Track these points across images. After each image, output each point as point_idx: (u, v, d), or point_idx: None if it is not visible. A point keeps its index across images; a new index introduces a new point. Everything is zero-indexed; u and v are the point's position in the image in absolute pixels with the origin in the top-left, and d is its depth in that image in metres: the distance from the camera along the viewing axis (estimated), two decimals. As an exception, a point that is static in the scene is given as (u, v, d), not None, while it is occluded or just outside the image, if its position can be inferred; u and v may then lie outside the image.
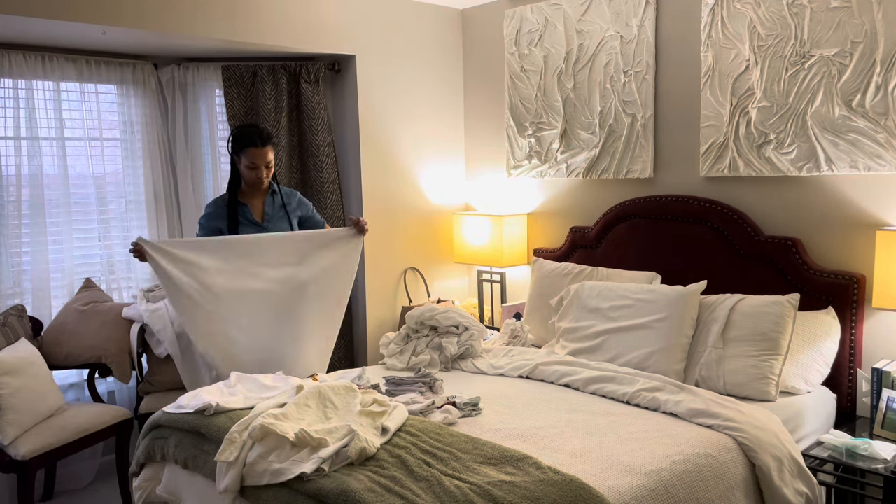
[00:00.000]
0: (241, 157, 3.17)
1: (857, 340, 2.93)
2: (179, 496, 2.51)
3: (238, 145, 3.17)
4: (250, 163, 3.16)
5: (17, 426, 2.95)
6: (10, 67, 3.41)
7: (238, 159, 3.19)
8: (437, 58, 4.40)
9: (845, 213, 2.99)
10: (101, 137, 3.76)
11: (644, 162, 3.61)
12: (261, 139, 3.15)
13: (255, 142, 3.15)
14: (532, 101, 4.08)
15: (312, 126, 4.03)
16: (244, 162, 3.17)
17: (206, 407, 2.43)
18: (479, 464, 2.05)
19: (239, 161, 3.19)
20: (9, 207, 3.48)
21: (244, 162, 3.17)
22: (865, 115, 2.87)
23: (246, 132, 3.18)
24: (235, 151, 3.19)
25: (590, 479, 2.00)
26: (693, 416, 2.48)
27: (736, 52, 3.22)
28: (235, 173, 3.24)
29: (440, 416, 2.46)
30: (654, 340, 2.98)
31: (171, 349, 3.44)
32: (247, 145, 3.15)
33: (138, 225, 3.87)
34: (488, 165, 4.45)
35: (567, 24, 3.86)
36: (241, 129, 3.22)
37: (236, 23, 3.56)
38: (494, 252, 4.10)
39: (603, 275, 3.52)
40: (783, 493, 2.33)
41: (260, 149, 3.15)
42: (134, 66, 3.79)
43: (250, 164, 3.16)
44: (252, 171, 3.18)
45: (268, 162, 3.19)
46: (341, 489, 1.92)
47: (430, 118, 4.40)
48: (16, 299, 3.52)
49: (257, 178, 3.19)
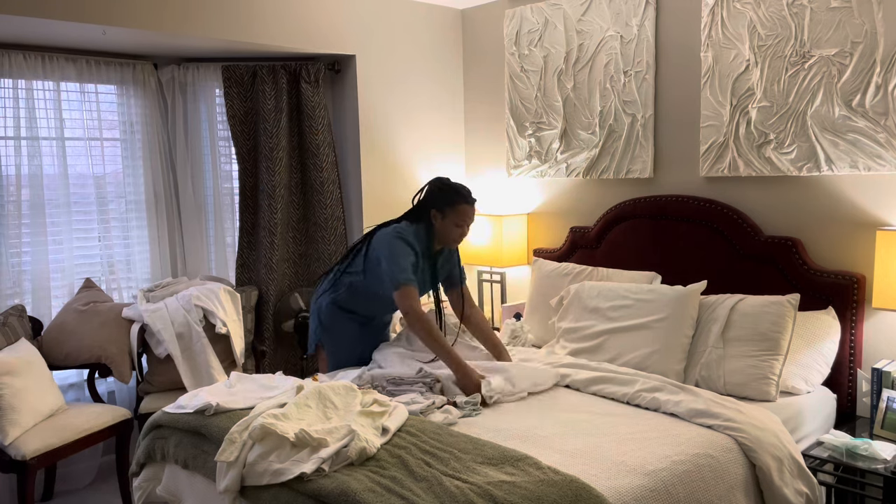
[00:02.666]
0: (448, 213, 2.97)
1: (857, 340, 2.93)
2: (179, 496, 2.51)
3: (447, 200, 2.97)
4: (461, 220, 2.99)
5: (17, 426, 2.95)
6: (10, 67, 3.41)
7: (441, 214, 2.98)
8: (437, 58, 4.40)
9: (845, 213, 2.99)
10: (101, 137, 3.76)
11: (644, 162, 3.61)
12: (472, 197, 3.02)
13: (469, 199, 2.99)
14: (532, 101, 4.08)
15: (312, 126, 4.03)
16: (453, 219, 2.98)
17: (206, 407, 2.43)
18: (479, 464, 2.05)
19: (443, 216, 2.98)
20: (9, 207, 3.48)
21: (453, 219, 2.98)
22: (865, 115, 2.87)
23: (458, 189, 3.00)
24: (441, 206, 2.98)
25: (590, 479, 2.00)
26: (693, 417, 2.48)
27: (736, 52, 3.22)
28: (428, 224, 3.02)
29: (440, 417, 2.46)
30: (654, 340, 2.98)
31: (171, 349, 3.45)
32: (459, 202, 2.97)
33: (138, 225, 3.87)
34: (488, 165, 4.45)
35: (567, 24, 3.86)
36: (449, 186, 3.02)
37: (236, 23, 3.56)
38: (494, 252, 4.10)
39: (603, 275, 3.52)
40: (783, 493, 2.33)
41: (473, 207, 3.01)
42: (134, 66, 3.79)
43: (460, 221, 2.99)
44: (458, 230, 3.00)
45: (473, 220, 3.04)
46: (341, 489, 1.92)
47: (430, 118, 4.40)
48: (16, 299, 3.52)
49: (460, 238, 3.03)
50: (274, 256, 4.00)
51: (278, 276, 4.05)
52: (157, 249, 3.93)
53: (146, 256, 3.92)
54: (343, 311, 3.16)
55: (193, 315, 3.52)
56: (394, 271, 2.88)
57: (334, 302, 3.15)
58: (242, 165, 3.99)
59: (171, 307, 3.55)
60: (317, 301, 3.24)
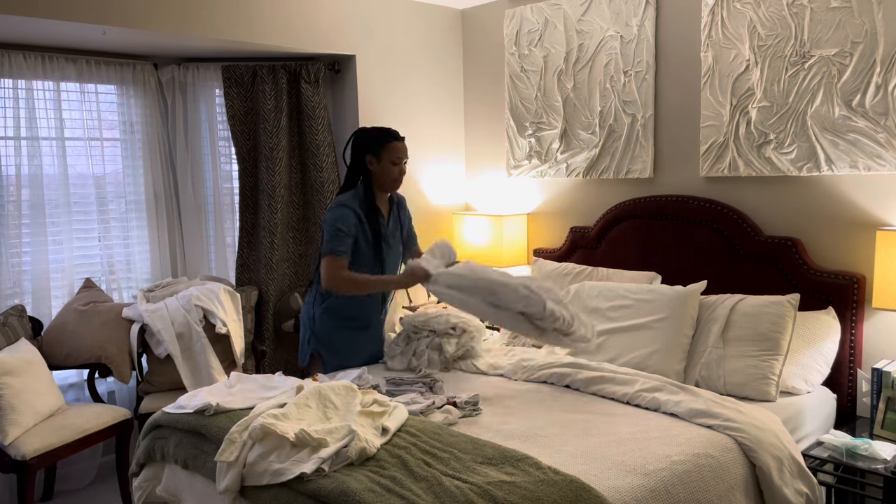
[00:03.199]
0: (382, 154, 3.00)
1: (857, 340, 2.93)
2: (179, 496, 2.51)
3: (375, 143, 3.00)
4: (396, 157, 3.01)
5: (17, 426, 2.95)
6: (10, 67, 3.41)
7: (375, 159, 3.01)
8: (437, 58, 4.40)
9: (845, 213, 2.99)
10: (101, 137, 3.76)
11: (644, 162, 3.61)
12: (398, 134, 3.05)
13: (395, 135, 3.03)
14: (532, 101, 4.08)
15: (312, 126, 4.03)
16: (387, 157, 3.00)
17: (206, 407, 2.43)
18: (479, 464, 2.05)
19: (377, 160, 3.01)
20: (9, 207, 3.48)
21: (387, 157, 3.00)
22: (865, 115, 2.87)
23: (379, 130, 3.04)
24: (372, 151, 3.01)
25: (590, 480, 2.00)
26: (693, 417, 2.48)
27: (736, 52, 3.22)
28: (366, 176, 3.06)
29: (440, 417, 2.46)
30: (654, 340, 2.98)
31: (171, 349, 3.45)
32: (387, 140, 3.01)
33: (138, 225, 3.87)
34: (488, 165, 4.45)
35: (567, 24, 3.86)
36: (369, 130, 3.06)
37: (236, 23, 3.56)
38: (494, 252, 4.10)
39: (603, 275, 3.52)
40: (783, 493, 2.33)
41: (402, 142, 3.03)
42: (134, 66, 3.79)
43: (395, 158, 3.01)
44: (396, 168, 3.02)
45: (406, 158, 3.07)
46: (341, 489, 1.92)
47: (430, 118, 4.40)
48: (16, 299, 3.52)
49: (400, 175, 3.05)
50: (274, 256, 4.00)
51: (278, 276, 4.05)
52: (157, 249, 3.93)
53: (146, 256, 3.92)
54: (337, 318, 3.15)
55: (193, 315, 3.52)
56: (326, 243, 2.95)
57: (327, 310, 3.13)
58: (242, 165, 3.99)
59: (171, 307, 3.55)
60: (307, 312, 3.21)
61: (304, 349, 3.22)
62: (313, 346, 3.17)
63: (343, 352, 3.16)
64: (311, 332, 3.16)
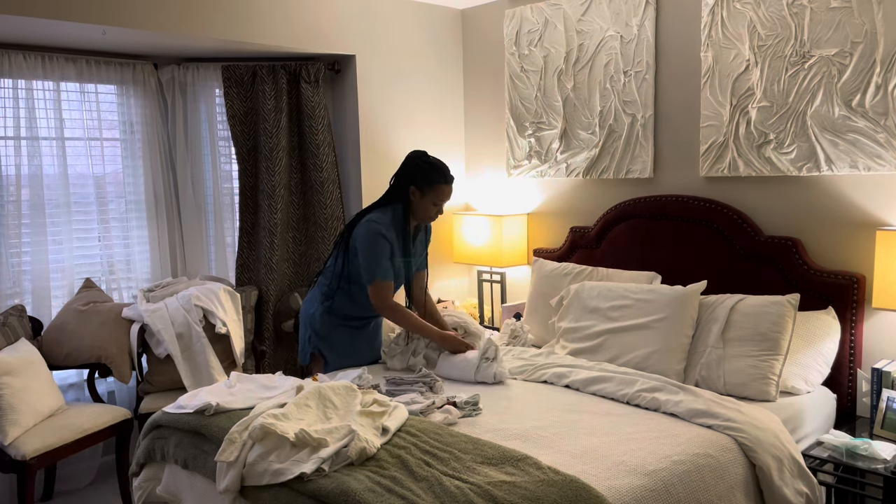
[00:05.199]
0: (428, 192, 3.01)
1: (857, 340, 2.93)
2: (179, 496, 2.51)
3: (427, 179, 3.01)
4: (438, 200, 3.04)
5: (17, 426, 2.95)
6: (10, 67, 3.41)
7: (419, 193, 3.02)
8: (437, 58, 4.40)
9: (845, 213, 2.99)
10: (101, 137, 3.76)
11: (644, 162, 3.61)
12: (451, 175, 3.06)
13: (448, 178, 3.04)
14: (532, 101, 4.08)
15: (312, 126, 4.03)
16: (431, 197, 3.02)
17: (206, 407, 2.43)
18: (479, 464, 2.05)
19: (421, 195, 3.03)
20: (9, 207, 3.48)
21: (431, 197, 3.02)
22: (865, 115, 2.87)
23: (438, 167, 3.03)
24: (418, 184, 3.02)
25: (590, 480, 2.00)
26: (693, 417, 2.48)
27: (736, 52, 3.22)
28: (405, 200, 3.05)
29: (440, 417, 2.46)
30: (654, 340, 2.98)
31: (171, 349, 3.45)
32: (440, 182, 3.02)
33: (138, 225, 3.87)
34: (488, 165, 4.45)
35: (567, 24, 3.86)
36: (429, 163, 3.04)
37: (236, 23, 3.56)
38: (494, 252, 4.10)
39: (603, 275, 3.52)
40: (783, 493, 2.33)
41: (451, 185, 3.05)
42: (134, 66, 3.79)
43: (438, 200, 3.04)
44: (435, 209, 3.07)
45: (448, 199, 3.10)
46: (341, 489, 1.92)
47: (430, 118, 4.40)
48: (16, 299, 3.52)
49: (436, 216, 3.10)
50: (274, 256, 4.00)
51: (278, 276, 4.05)
52: (157, 249, 3.93)
53: (146, 256, 3.92)
54: (338, 317, 3.16)
55: (193, 315, 3.52)
56: (369, 266, 3.00)
57: (329, 311, 3.15)
58: (242, 165, 3.99)
59: (171, 307, 3.55)
60: (308, 310, 3.22)
61: (305, 347, 3.23)
62: (314, 344, 3.18)
63: (343, 351, 3.17)
64: (312, 331, 3.18)
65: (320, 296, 3.18)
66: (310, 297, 3.25)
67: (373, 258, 2.98)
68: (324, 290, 3.18)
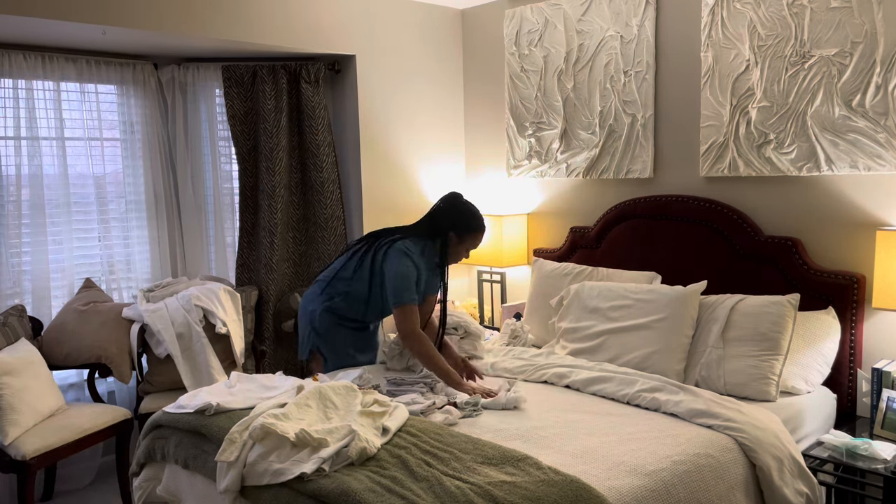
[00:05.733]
0: (466, 240, 3.09)
1: (857, 340, 2.94)
2: (179, 496, 2.51)
3: (468, 227, 3.08)
4: (473, 245, 3.13)
5: (17, 426, 2.95)
6: (10, 67, 3.41)
7: (458, 239, 3.08)
8: (437, 58, 4.40)
9: (845, 213, 2.99)
10: (101, 137, 3.76)
11: (644, 162, 3.61)
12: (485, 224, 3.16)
13: (484, 226, 3.13)
14: (532, 101, 4.08)
15: (312, 126, 4.03)
16: (468, 244, 3.10)
17: (206, 407, 2.43)
18: (479, 464, 2.05)
19: (459, 241, 3.09)
20: (9, 207, 3.48)
21: (468, 244, 3.10)
22: (865, 115, 2.87)
23: (478, 215, 3.11)
24: (459, 231, 3.07)
25: (590, 480, 2.00)
26: (693, 417, 2.48)
27: (736, 52, 3.22)
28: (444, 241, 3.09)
29: (441, 417, 2.46)
30: (654, 340, 2.99)
31: (171, 349, 3.45)
32: (479, 230, 3.10)
33: (138, 225, 3.87)
34: (488, 165, 4.45)
35: (567, 24, 3.86)
36: (472, 212, 3.10)
37: (236, 23, 3.56)
38: (494, 252, 4.10)
39: (603, 275, 3.52)
40: (783, 493, 2.33)
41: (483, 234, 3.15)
42: (134, 66, 3.79)
43: (472, 246, 3.13)
44: (466, 253, 3.15)
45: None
46: (342, 489, 1.92)
47: (430, 118, 4.40)
48: (16, 299, 3.52)
49: (464, 259, 3.19)
50: (274, 256, 4.00)
51: (278, 276, 4.05)
52: (157, 249, 3.93)
53: (146, 256, 3.92)
54: (337, 317, 3.15)
55: (193, 315, 3.52)
56: (398, 289, 2.95)
57: (329, 310, 3.15)
58: (242, 165, 3.99)
59: (171, 307, 3.55)
60: (308, 307, 3.22)
61: (304, 344, 3.24)
62: (313, 342, 3.18)
63: (341, 350, 3.17)
64: (311, 328, 3.18)
65: (321, 294, 3.18)
66: (309, 294, 3.26)
67: (401, 281, 2.96)
68: (324, 286, 3.18)
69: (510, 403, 2.62)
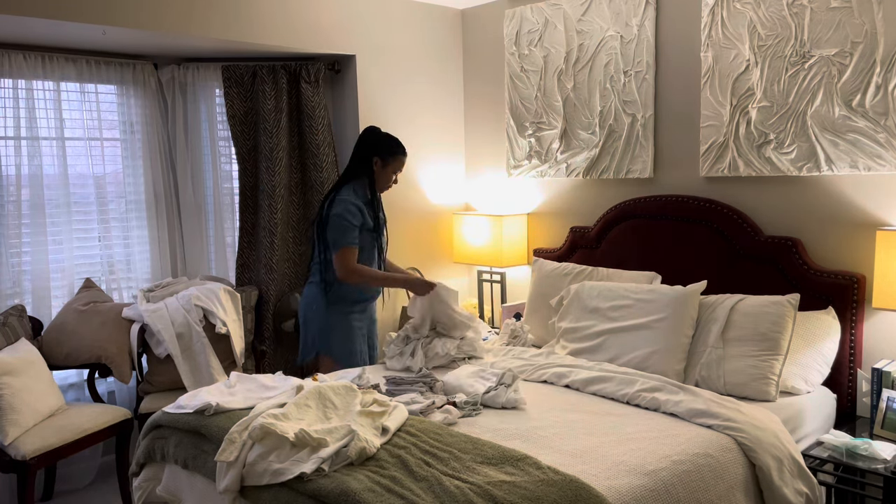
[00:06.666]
0: (390, 163, 3.27)
1: (857, 340, 2.93)
2: (179, 496, 2.51)
3: (387, 151, 3.26)
4: (397, 169, 3.31)
5: (17, 426, 2.95)
6: (10, 67, 3.41)
7: (381, 163, 3.26)
8: (437, 58, 4.40)
9: (845, 213, 2.99)
10: (101, 137, 3.76)
11: (644, 162, 3.61)
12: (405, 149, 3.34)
13: (404, 150, 3.31)
14: (532, 101, 4.08)
15: (312, 126, 4.03)
16: (392, 167, 3.28)
17: (206, 407, 2.43)
18: (479, 464, 2.05)
19: (384, 165, 3.26)
20: (9, 207, 3.48)
21: (392, 167, 3.28)
22: (865, 115, 2.87)
23: (396, 139, 3.30)
24: (381, 155, 3.25)
25: (590, 480, 2.00)
26: (693, 417, 2.48)
27: (736, 52, 3.22)
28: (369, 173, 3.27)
29: (440, 417, 2.46)
30: (654, 340, 2.98)
31: (171, 349, 3.45)
32: (399, 153, 3.28)
33: (138, 225, 3.87)
34: (488, 165, 4.45)
35: (567, 24, 3.86)
36: (389, 136, 3.29)
37: (236, 23, 3.56)
38: (494, 252, 4.10)
39: (603, 275, 3.52)
40: (783, 493, 2.33)
41: (405, 157, 3.33)
42: (134, 66, 3.79)
43: (396, 170, 3.31)
44: (392, 177, 3.32)
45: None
46: (341, 489, 1.92)
47: (430, 118, 4.40)
48: (16, 299, 3.52)
49: (391, 185, 3.36)
50: (274, 256, 4.00)
51: (278, 276, 4.05)
52: (157, 249, 3.93)
53: (146, 256, 3.92)
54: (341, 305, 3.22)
55: (193, 315, 3.52)
56: (336, 237, 3.13)
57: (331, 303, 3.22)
58: (242, 165, 3.99)
59: (171, 307, 3.55)
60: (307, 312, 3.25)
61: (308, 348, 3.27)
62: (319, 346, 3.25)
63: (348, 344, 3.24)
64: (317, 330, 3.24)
65: (318, 290, 3.21)
66: (307, 295, 3.27)
67: (340, 228, 3.13)
68: (317, 279, 3.25)
69: (510, 403, 2.62)
